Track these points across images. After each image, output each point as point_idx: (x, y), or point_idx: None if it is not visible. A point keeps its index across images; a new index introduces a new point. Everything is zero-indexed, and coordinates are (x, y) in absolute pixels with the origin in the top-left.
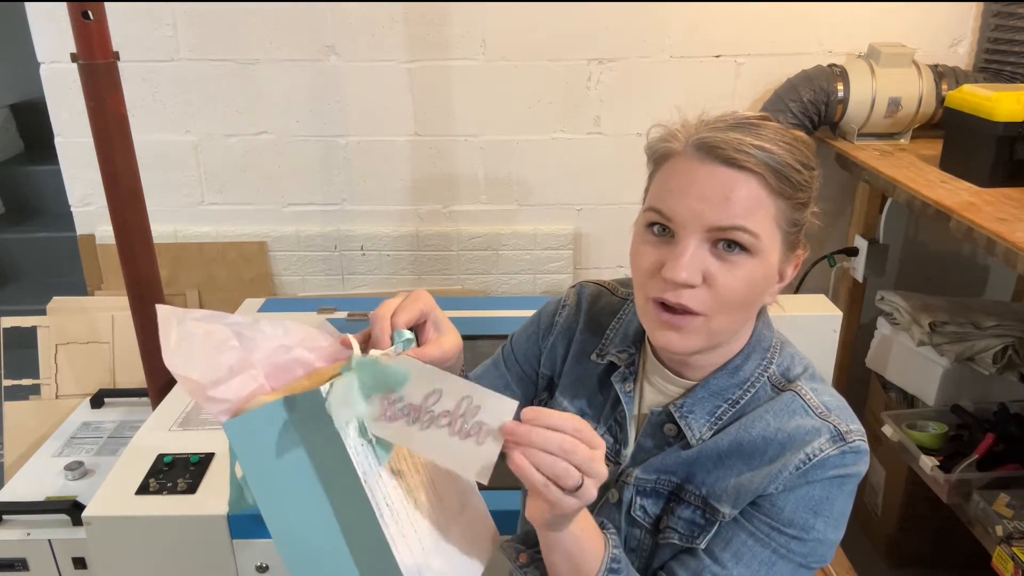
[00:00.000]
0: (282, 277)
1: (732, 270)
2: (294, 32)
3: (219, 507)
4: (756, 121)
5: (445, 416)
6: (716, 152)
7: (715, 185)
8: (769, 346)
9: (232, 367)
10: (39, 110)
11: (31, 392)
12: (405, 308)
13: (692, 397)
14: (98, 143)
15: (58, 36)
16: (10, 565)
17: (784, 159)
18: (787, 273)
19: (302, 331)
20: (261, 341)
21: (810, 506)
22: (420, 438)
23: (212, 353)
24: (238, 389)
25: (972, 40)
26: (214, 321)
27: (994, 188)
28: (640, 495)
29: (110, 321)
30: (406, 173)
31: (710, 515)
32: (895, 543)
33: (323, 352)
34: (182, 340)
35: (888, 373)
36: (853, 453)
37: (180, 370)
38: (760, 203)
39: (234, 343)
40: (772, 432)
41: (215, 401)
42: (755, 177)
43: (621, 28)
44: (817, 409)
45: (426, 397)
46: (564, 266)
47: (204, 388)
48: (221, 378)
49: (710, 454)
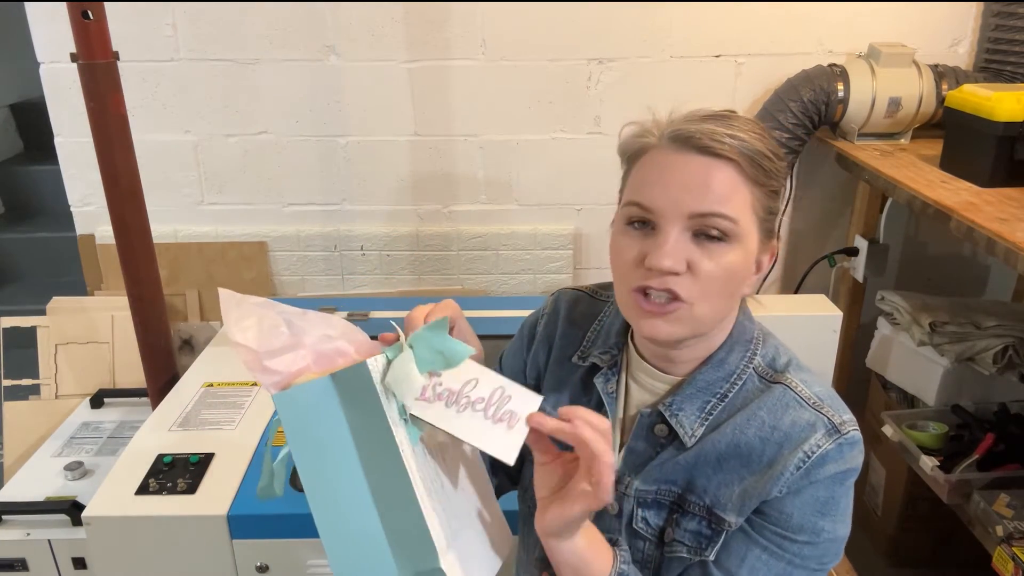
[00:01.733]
0: (282, 277)
1: (714, 257)
2: (294, 32)
3: (219, 507)
4: (726, 113)
5: (480, 402)
6: (691, 142)
7: (693, 172)
8: (752, 337)
9: (283, 347)
10: (39, 110)
11: (31, 392)
12: (436, 312)
13: (680, 395)
14: (98, 143)
15: (58, 36)
16: (10, 565)
17: (757, 147)
18: (764, 263)
19: (344, 325)
20: (308, 329)
21: (817, 508)
22: (457, 420)
23: (264, 333)
24: (289, 364)
25: (972, 40)
26: (268, 307)
27: (994, 188)
28: (641, 507)
29: (110, 321)
30: (406, 173)
31: (716, 525)
32: (895, 543)
33: (361, 346)
34: (241, 317)
35: (888, 373)
36: (850, 445)
37: (240, 339)
38: (737, 189)
39: (284, 329)
40: (768, 431)
41: (269, 372)
42: (731, 164)
43: (621, 28)
44: (810, 400)
45: (464, 384)
46: (564, 266)
47: (260, 357)
48: (274, 351)
49: (708, 459)
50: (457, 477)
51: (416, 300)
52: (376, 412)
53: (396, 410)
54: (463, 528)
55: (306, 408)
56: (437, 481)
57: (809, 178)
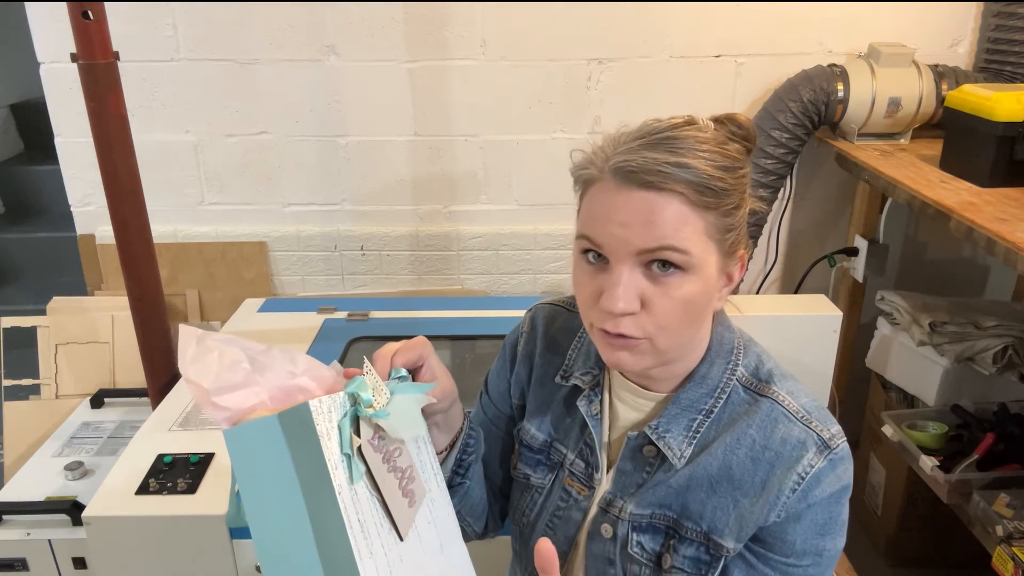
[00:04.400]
0: (282, 277)
1: (668, 292)
2: (294, 32)
3: (219, 507)
4: (673, 133)
5: (398, 471)
6: (633, 178)
7: (636, 210)
8: (732, 348)
9: (239, 383)
10: (39, 110)
11: (31, 392)
12: (404, 351)
13: (666, 415)
14: (98, 143)
15: (58, 36)
16: (10, 565)
17: (704, 172)
18: (735, 275)
19: (308, 362)
20: (270, 365)
21: (817, 531)
22: (386, 477)
23: (223, 369)
24: (240, 401)
25: (972, 40)
26: (230, 344)
27: (994, 188)
28: (636, 531)
29: (110, 321)
30: (406, 173)
31: (714, 551)
32: (895, 543)
33: (324, 383)
34: (199, 354)
35: (888, 373)
36: (840, 460)
37: (192, 377)
38: (686, 220)
39: (245, 365)
40: (759, 451)
41: (218, 408)
42: (676, 196)
43: (621, 28)
44: (798, 414)
45: (393, 447)
46: (564, 266)
47: (209, 394)
48: (226, 389)
49: (700, 483)
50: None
51: (416, 300)
52: (316, 452)
53: (337, 452)
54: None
55: (253, 445)
56: (384, 525)
57: (809, 178)
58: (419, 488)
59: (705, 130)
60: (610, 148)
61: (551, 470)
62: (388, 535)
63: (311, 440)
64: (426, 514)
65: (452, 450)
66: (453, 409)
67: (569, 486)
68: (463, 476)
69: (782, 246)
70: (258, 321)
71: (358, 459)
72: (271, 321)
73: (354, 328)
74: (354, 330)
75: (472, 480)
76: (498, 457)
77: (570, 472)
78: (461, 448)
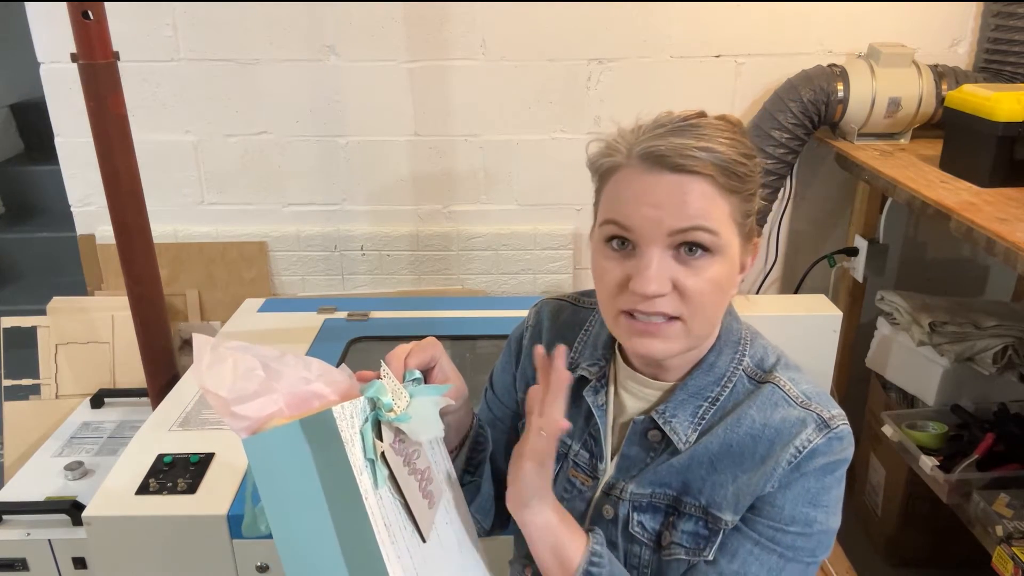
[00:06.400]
0: (282, 277)
1: (698, 273)
2: (294, 32)
3: (219, 507)
4: (695, 121)
5: (418, 473)
6: (663, 161)
7: (667, 192)
8: (739, 338)
9: (255, 391)
10: (39, 110)
11: (31, 392)
12: (418, 352)
13: (673, 401)
14: (98, 143)
15: (58, 36)
16: (10, 565)
17: (729, 156)
18: (747, 263)
19: (321, 367)
20: (284, 372)
21: (808, 499)
22: (407, 479)
23: (238, 377)
24: (259, 409)
25: (972, 40)
26: (244, 351)
27: (994, 188)
28: (637, 510)
29: (110, 321)
30: (406, 173)
31: (713, 524)
32: (895, 543)
33: (338, 387)
34: (213, 362)
35: (888, 373)
36: (839, 438)
37: (209, 387)
38: (714, 202)
39: (260, 372)
40: (759, 429)
41: (237, 417)
42: (705, 179)
43: (621, 28)
44: (798, 399)
45: (412, 450)
46: (564, 266)
47: (228, 404)
48: (244, 397)
49: (701, 460)
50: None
51: (416, 300)
52: (340, 458)
53: (361, 457)
54: (435, 573)
55: (274, 453)
56: (408, 528)
57: (809, 178)
58: (437, 489)
59: (721, 119)
60: (632, 137)
61: (555, 461)
62: (412, 537)
63: (336, 447)
64: (444, 514)
65: (463, 448)
66: (464, 408)
67: (573, 477)
68: (473, 474)
69: (782, 246)
70: (258, 321)
71: (381, 463)
72: (271, 321)
73: (354, 328)
74: (354, 330)
75: (481, 478)
76: (503, 452)
77: (574, 463)
78: (471, 446)
